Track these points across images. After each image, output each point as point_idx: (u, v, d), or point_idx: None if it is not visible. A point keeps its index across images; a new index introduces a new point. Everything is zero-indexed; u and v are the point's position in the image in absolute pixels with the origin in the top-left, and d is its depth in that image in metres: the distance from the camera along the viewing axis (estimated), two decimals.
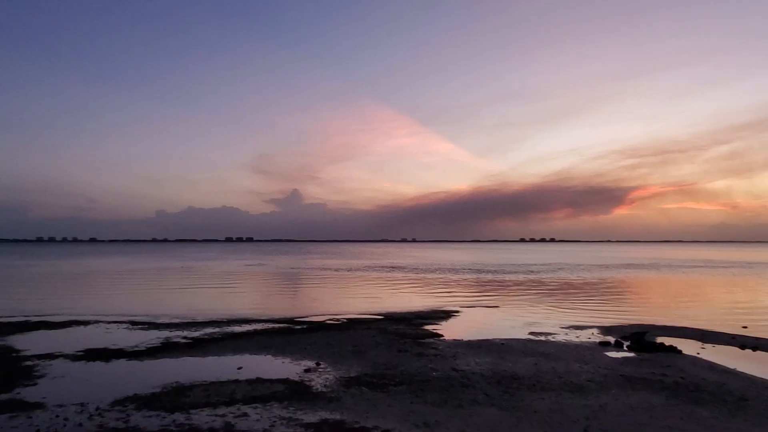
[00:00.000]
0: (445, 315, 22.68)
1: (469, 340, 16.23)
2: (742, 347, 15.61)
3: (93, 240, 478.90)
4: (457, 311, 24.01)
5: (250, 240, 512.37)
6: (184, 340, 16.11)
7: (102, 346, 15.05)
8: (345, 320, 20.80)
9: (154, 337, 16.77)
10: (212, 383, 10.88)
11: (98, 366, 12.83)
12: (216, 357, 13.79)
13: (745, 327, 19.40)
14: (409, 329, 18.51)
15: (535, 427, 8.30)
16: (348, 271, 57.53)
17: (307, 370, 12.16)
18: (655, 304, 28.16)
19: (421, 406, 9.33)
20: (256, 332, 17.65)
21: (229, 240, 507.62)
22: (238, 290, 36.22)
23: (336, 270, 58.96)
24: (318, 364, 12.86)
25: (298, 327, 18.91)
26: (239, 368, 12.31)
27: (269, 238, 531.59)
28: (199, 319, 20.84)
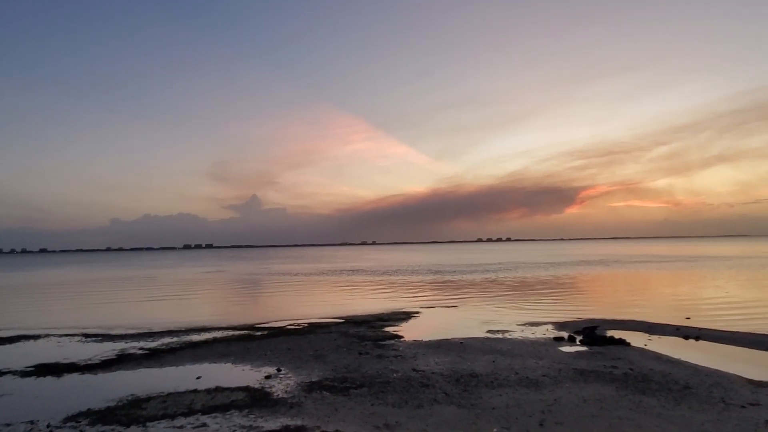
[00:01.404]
0: (405, 316, 22.90)
1: (429, 341, 16.46)
2: (686, 338, 16.42)
3: (43, 251, 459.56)
4: (417, 312, 24.28)
5: (209, 247, 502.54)
6: (140, 351, 15.73)
7: (53, 361, 14.54)
8: (306, 325, 20.74)
9: (109, 349, 16.31)
10: (170, 394, 10.70)
11: (49, 381, 12.41)
12: (174, 367, 13.54)
13: (688, 318, 20.39)
14: (369, 332, 18.62)
15: (493, 423, 8.54)
16: (308, 275, 57.19)
17: (268, 377, 12.10)
18: (606, 299, 29.21)
19: (382, 408, 9.45)
20: (215, 340, 17.40)
21: (187, 247, 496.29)
22: (197, 298, 35.51)
23: (296, 274, 58.51)
24: (279, 370, 12.81)
25: (259, 333, 18.74)
26: (198, 378, 12.14)
27: (228, 245, 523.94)
28: (156, 329, 20.37)
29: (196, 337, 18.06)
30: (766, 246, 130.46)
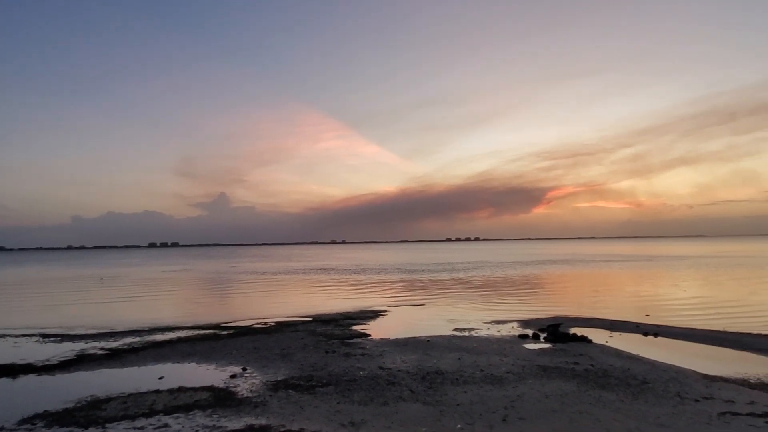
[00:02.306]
0: (373, 315, 22.94)
1: (396, 339, 16.53)
2: (645, 334, 16.92)
3: (1, 249, 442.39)
4: (385, 311, 24.35)
5: (175, 245, 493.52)
6: (101, 352, 15.35)
7: (9, 362, 14.05)
8: (273, 324, 20.58)
9: (68, 349, 15.85)
10: (131, 395, 10.47)
11: (4, 383, 11.99)
12: (136, 367, 13.26)
13: (647, 316, 21.01)
14: (337, 330, 18.59)
15: (458, 419, 8.63)
16: (277, 274, 56.71)
17: (233, 376, 11.97)
18: (570, 297, 29.82)
19: (348, 406, 9.45)
20: (179, 340, 17.11)
21: (152, 246, 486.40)
22: (161, 297, 34.81)
23: (264, 273, 57.95)
24: (244, 369, 12.68)
25: (224, 332, 18.50)
26: (161, 378, 11.92)
27: (195, 243, 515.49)
28: (118, 328, 19.90)
29: (159, 337, 17.72)
30: (723, 246, 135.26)
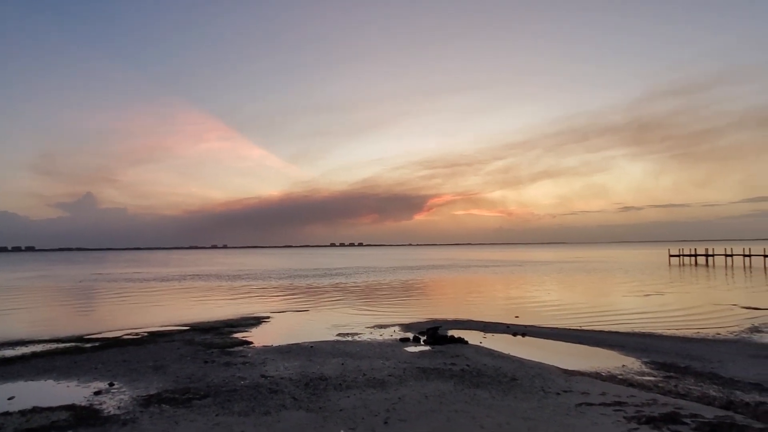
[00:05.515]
0: (256, 321, 22.37)
1: (279, 346, 16.26)
2: (514, 334, 18.23)
3: None
4: (268, 317, 23.85)
5: (30, 249, 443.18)
6: None
7: None
8: (145, 334, 19.28)
9: None
10: None
11: None
12: None
13: (517, 317, 22.65)
14: (217, 338, 17.88)
15: (340, 424, 8.67)
16: (150, 280, 53.19)
17: (97, 393, 11.02)
18: (448, 301, 31.28)
19: (228, 418, 9.11)
20: (34, 355, 15.43)
21: (2, 250, 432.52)
22: (12, 308, 31.06)
23: (136, 280, 54.08)
24: (111, 384, 11.74)
25: (89, 345, 17.01)
26: (10, 398, 10.66)
27: (56, 247, 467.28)
28: None
29: (9, 353, 15.86)
30: (580, 252, 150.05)
